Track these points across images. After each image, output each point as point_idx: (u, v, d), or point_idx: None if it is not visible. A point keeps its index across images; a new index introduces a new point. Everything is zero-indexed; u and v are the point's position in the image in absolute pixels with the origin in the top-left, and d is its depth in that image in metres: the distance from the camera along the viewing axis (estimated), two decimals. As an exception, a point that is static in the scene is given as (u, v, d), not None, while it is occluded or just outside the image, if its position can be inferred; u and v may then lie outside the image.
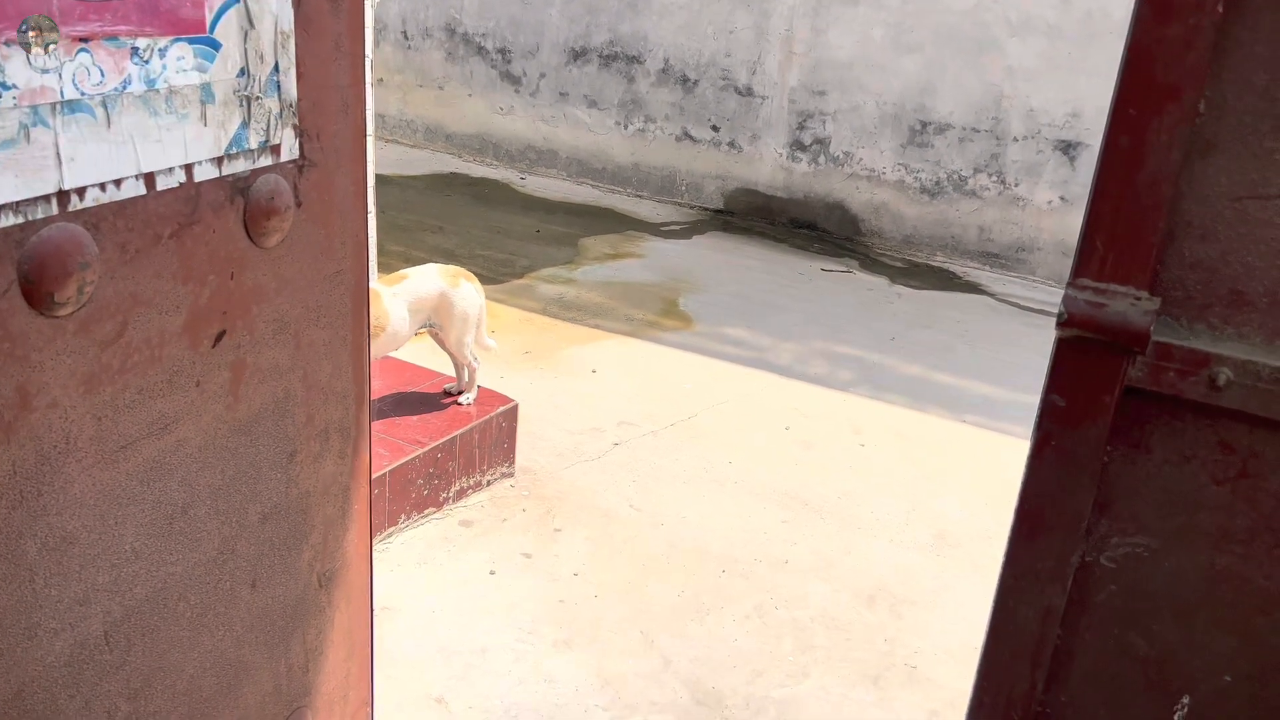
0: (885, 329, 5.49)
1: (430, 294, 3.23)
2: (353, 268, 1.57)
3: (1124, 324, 1.08)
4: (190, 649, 1.42)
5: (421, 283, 3.23)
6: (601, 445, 3.89)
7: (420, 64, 8.46)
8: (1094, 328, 1.09)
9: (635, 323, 5.20)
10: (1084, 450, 1.16)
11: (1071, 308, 1.09)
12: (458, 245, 6.17)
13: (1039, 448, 1.18)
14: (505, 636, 2.75)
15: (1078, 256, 1.10)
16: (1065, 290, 1.10)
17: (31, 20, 1.04)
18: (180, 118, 1.21)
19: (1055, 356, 1.14)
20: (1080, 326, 1.09)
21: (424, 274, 3.27)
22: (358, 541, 1.74)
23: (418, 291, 3.21)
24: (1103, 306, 1.08)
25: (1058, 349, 1.14)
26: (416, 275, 3.27)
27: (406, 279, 3.23)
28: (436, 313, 3.27)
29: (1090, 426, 1.15)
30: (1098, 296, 1.09)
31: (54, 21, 1.08)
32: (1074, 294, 1.09)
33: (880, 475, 3.88)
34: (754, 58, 7.17)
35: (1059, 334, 1.12)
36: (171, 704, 1.41)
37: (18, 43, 1.03)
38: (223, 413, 1.38)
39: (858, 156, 7.02)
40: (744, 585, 3.10)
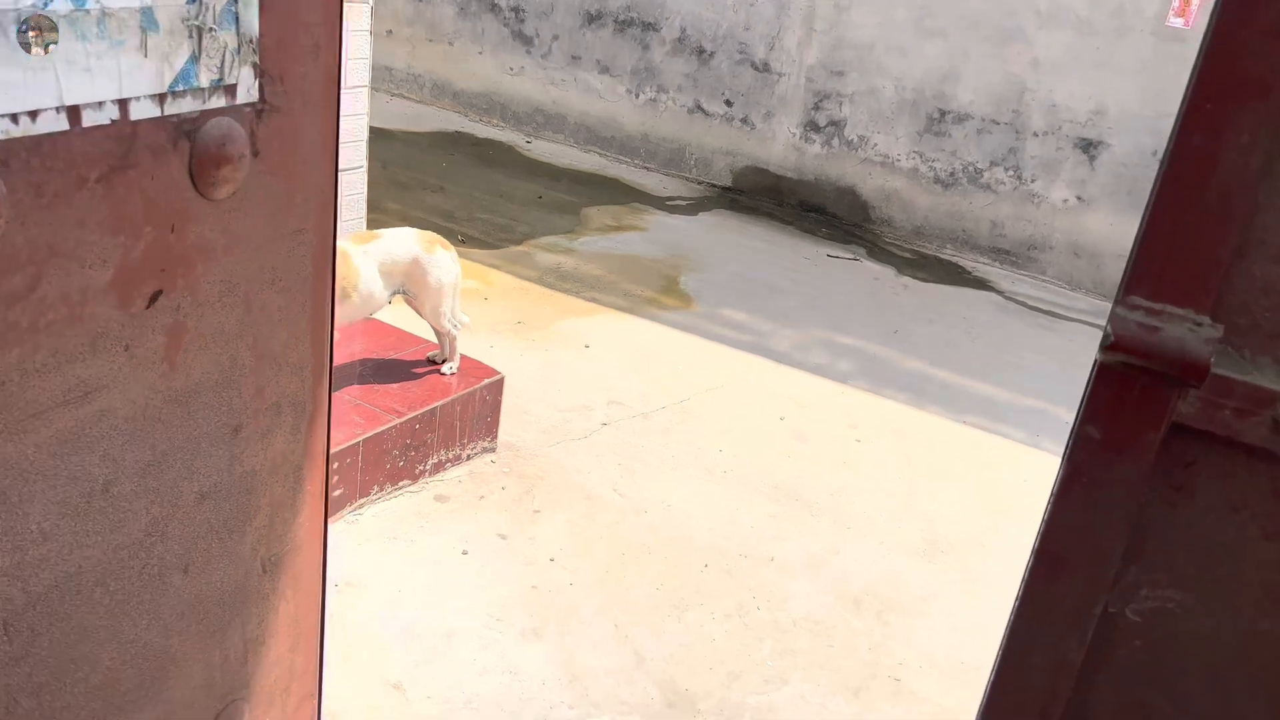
0: (889, 321, 5.35)
1: (403, 258, 3.08)
2: (316, 226, 1.42)
3: (1179, 352, 0.94)
4: (108, 639, 1.28)
5: (394, 244, 3.08)
6: (589, 424, 3.76)
7: (431, 17, 8.24)
8: (1144, 354, 0.95)
9: (633, 298, 5.05)
10: (1119, 489, 1.02)
11: (1119, 329, 0.95)
12: (457, 207, 6.01)
13: (1068, 482, 1.04)
14: (473, 621, 2.62)
15: (1130, 271, 0.96)
16: (1113, 309, 0.96)
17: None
18: (114, 44, 1.05)
19: (1095, 382, 1.00)
20: (1128, 352, 0.95)
21: (398, 236, 3.12)
22: (309, 524, 1.61)
23: (391, 252, 3.05)
24: (1156, 331, 0.94)
25: (1098, 374, 0.99)
26: (390, 236, 3.11)
27: (378, 238, 3.07)
28: (409, 279, 3.11)
29: (1128, 463, 1.01)
30: (1151, 319, 0.94)
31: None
32: (1123, 314, 0.95)
33: (874, 473, 3.75)
34: (773, 32, 6.97)
35: (1101, 358, 0.98)
36: (83, 699, 1.27)
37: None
38: (156, 381, 1.24)
39: (872, 141, 6.85)
40: (726, 581, 2.98)
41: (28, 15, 0.98)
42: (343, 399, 3.06)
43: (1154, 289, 0.94)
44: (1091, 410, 1.00)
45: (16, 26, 0.97)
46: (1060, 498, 1.05)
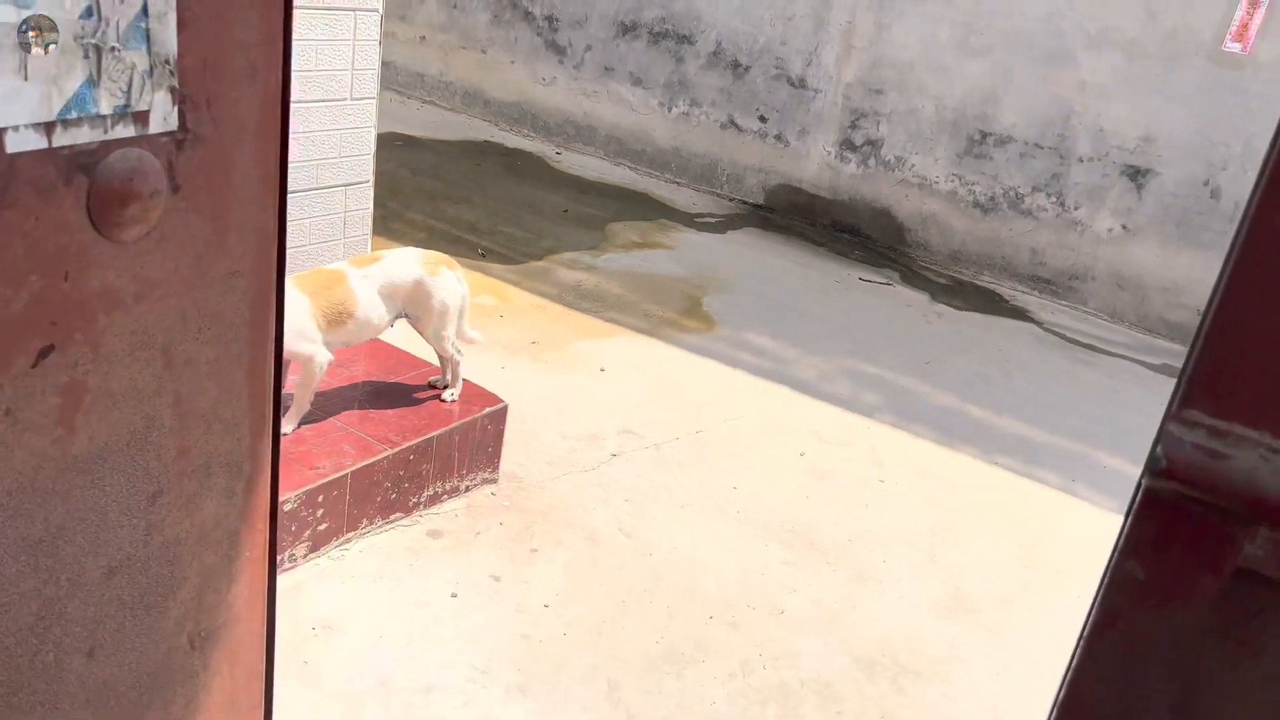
0: (920, 351, 5.13)
1: (405, 280, 2.93)
2: (255, 268, 1.26)
3: (1248, 484, 0.75)
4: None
5: (396, 267, 2.93)
6: (598, 455, 3.59)
7: (465, 25, 8.14)
8: (1204, 485, 0.76)
9: (654, 320, 4.88)
10: (1166, 643, 0.83)
11: (1174, 452, 0.76)
12: (481, 218, 5.87)
13: (1102, 628, 0.85)
14: (455, 674, 2.45)
15: (1188, 379, 0.77)
16: (1165, 424, 0.77)
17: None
18: (-19, 67, 0.90)
19: (1139, 511, 0.81)
20: (1184, 481, 0.76)
21: (400, 257, 2.97)
22: (249, 594, 1.45)
23: (390, 276, 2.90)
24: (1220, 456, 0.75)
25: (1144, 502, 0.80)
26: (391, 258, 2.96)
27: (379, 261, 2.93)
28: (412, 302, 2.96)
29: (1180, 612, 0.82)
30: (1214, 440, 0.75)
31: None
32: (1179, 432, 0.76)
33: (897, 518, 3.54)
34: (810, 48, 6.78)
35: (1149, 484, 0.79)
36: (-41, 805, 1.12)
37: None
38: (47, 448, 1.08)
39: (910, 162, 6.63)
40: (732, 636, 2.79)
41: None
42: (335, 426, 2.91)
43: (1219, 404, 0.75)
44: (1135, 545, 0.82)
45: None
46: (1091, 646, 0.86)
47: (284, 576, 2.65)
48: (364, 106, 3.19)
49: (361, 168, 3.28)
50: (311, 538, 2.70)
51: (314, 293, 2.77)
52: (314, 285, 2.78)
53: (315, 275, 2.84)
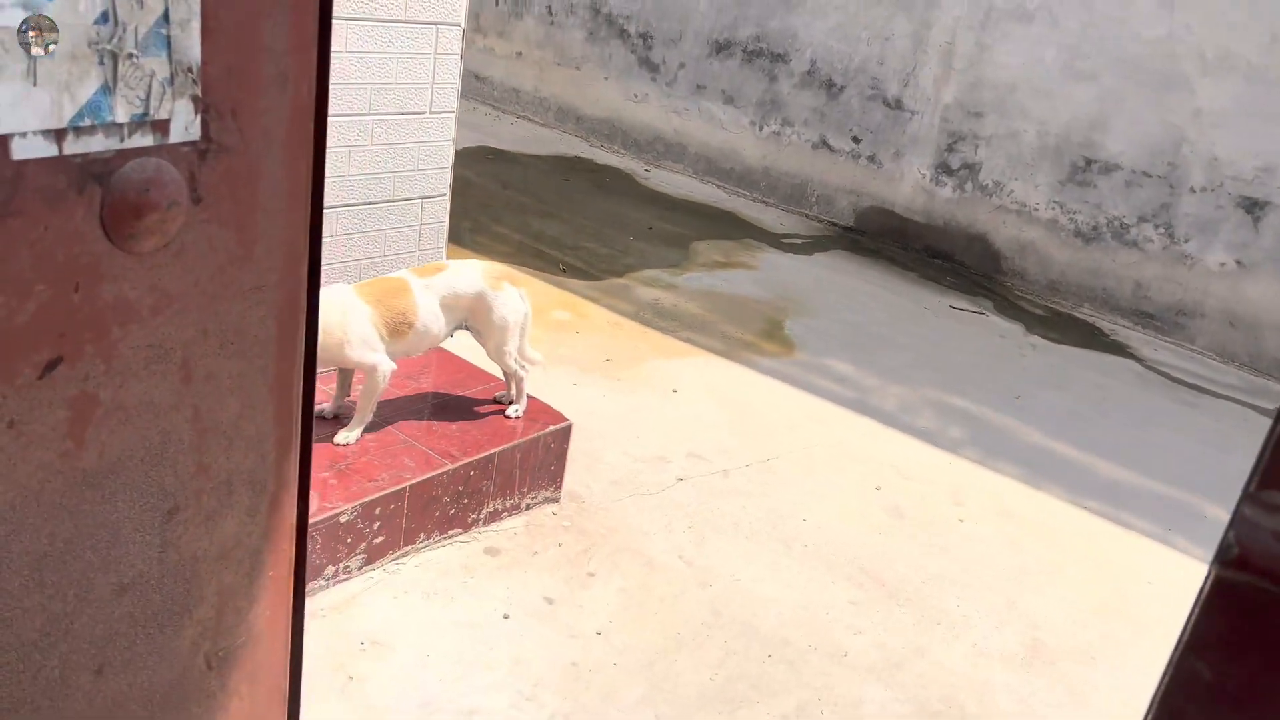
0: (1011, 384, 4.92)
1: (467, 292, 2.90)
2: (282, 282, 1.23)
3: (1339, 582, 0.64)
4: (-12, 753, 1.11)
5: (458, 278, 2.91)
6: (664, 479, 3.51)
7: (561, 41, 8.19)
8: None
9: (731, 341, 4.79)
10: (1236, 755, 0.71)
11: (1250, 539, 0.65)
12: (562, 233, 5.87)
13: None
14: (500, 699, 2.40)
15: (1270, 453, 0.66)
16: (1239, 507, 0.66)
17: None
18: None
19: (1208, 603, 0.70)
20: (1260, 573, 0.65)
21: (464, 269, 2.95)
22: (271, 614, 1.41)
23: (453, 287, 2.88)
24: (1305, 548, 0.64)
25: (1214, 592, 0.69)
26: (455, 269, 2.94)
27: (443, 271, 2.91)
28: (474, 315, 2.94)
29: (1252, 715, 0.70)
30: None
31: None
32: (1256, 517, 0.65)
33: (976, 560, 3.37)
34: (908, 69, 6.61)
35: (1219, 573, 0.68)
36: (-45, 820, 1.10)
37: None
38: (54, 462, 1.06)
39: (1009, 188, 6.40)
40: (789, 676, 2.67)
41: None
42: (397, 437, 2.90)
43: (1305, 487, 0.64)
44: (1203, 641, 0.71)
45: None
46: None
47: (337, 589, 2.64)
48: (443, 120, 3.19)
49: (439, 181, 3.28)
50: (367, 550, 2.69)
51: (376, 301, 2.76)
52: (377, 294, 2.78)
53: (378, 284, 2.84)
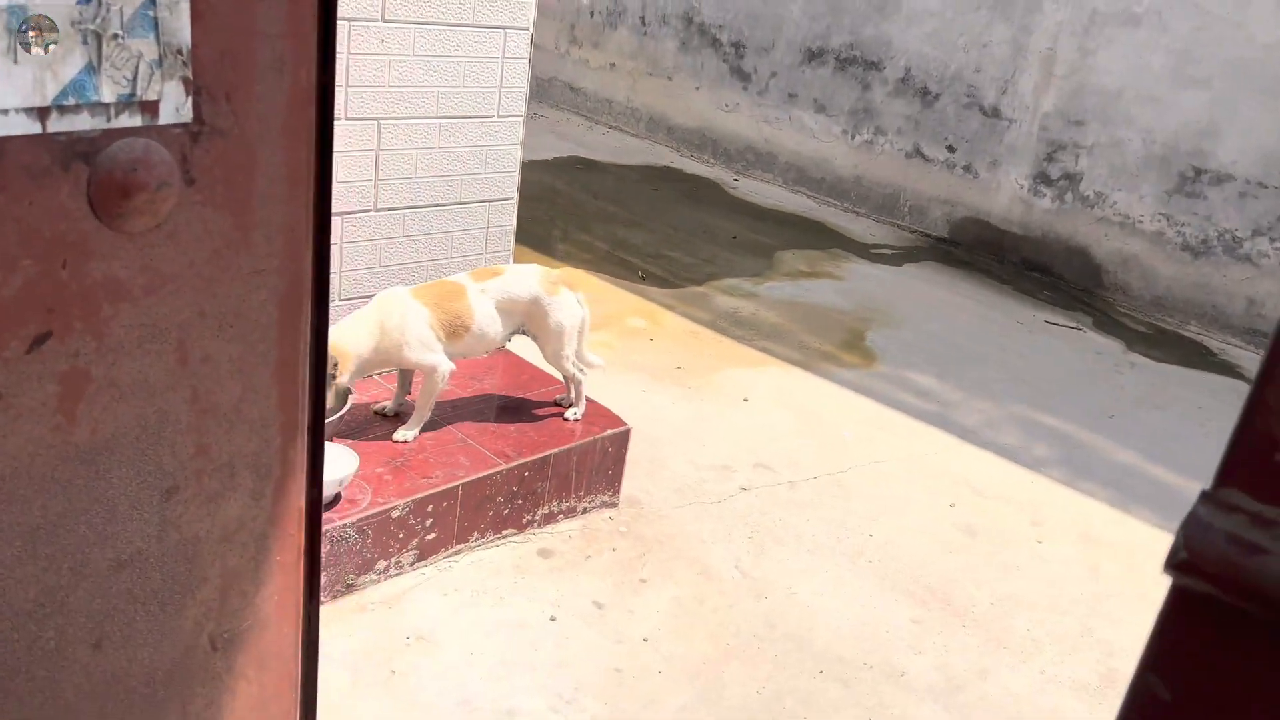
0: (1104, 403, 4.70)
1: (523, 297, 2.91)
2: (283, 268, 1.24)
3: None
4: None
5: (515, 282, 2.91)
6: (727, 488, 3.45)
7: (653, 52, 8.22)
8: (1236, 586, 0.58)
9: (809, 352, 4.70)
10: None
11: (1199, 541, 0.58)
12: (646, 242, 5.87)
13: (1118, 757, 0.67)
14: (539, 701, 2.38)
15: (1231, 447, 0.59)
16: (1194, 507, 0.59)
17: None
18: (-36, 49, 0.90)
19: (1164, 614, 0.63)
20: (1210, 579, 0.58)
21: (520, 274, 2.95)
22: (279, 598, 1.42)
23: (508, 291, 2.89)
24: (1261, 552, 0.57)
25: (1172, 603, 0.63)
26: (511, 274, 2.95)
27: (499, 276, 2.92)
28: (530, 319, 2.94)
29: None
30: (1253, 530, 0.57)
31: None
32: (1208, 516, 0.59)
33: (1051, 583, 3.22)
34: (1006, 76, 6.41)
35: (1173, 580, 0.61)
36: (-51, 782, 1.13)
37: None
38: (45, 435, 1.08)
39: (1111, 199, 6.14)
40: (842, 694, 2.59)
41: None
42: (455, 436, 2.92)
43: (1263, 482, 0.57)
44: (1159, 656, 0.64)
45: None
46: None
47: (388, 583, 2.67)
48: (511, 124, 3.21)
49: (506, 184, 3.30)
50: (419, 546, 2.71)
51: (434, 304, 2.79)
52: (435, 297, 2.81)
53: (435, 287, 2.87)
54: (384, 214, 3.03)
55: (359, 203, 2.96)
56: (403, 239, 3.11)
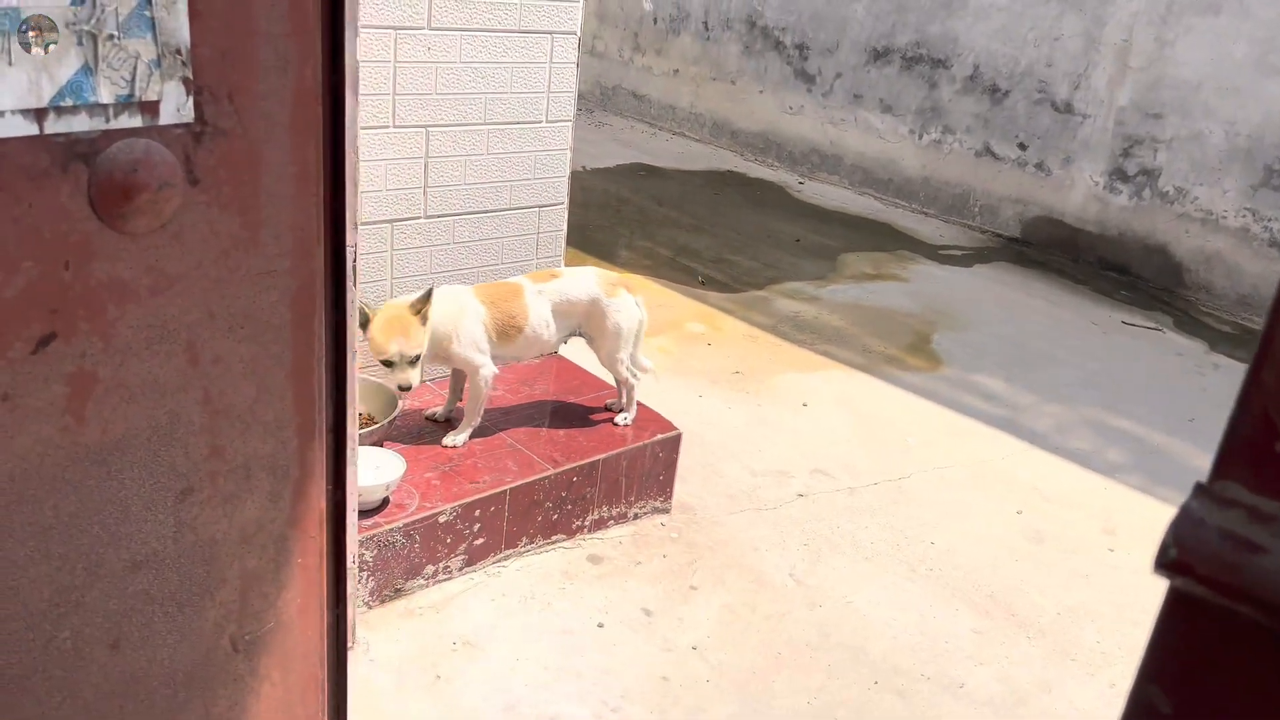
0: (1185, 406, 4.50)
1: (581, 299, 2.89)
2: (294, 269, 1.23)
3: (1306, 596, 0.51)
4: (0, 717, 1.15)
5: (573, 285, 2.90)
6: (783, 494, 3.39)
7: (717, 56, 8.18)
8: (1231, 587, 0.52)
9: (872, 355, 4.60)
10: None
11: (1190, 537, 0.53)
12: (707, 246, 5.82)
13: (1118, 776, 0.62)
14: (584, 709, 2.36)
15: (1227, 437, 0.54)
16: (1187, 500, 0.54)
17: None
18: (-43, 51, 0.91)
19: (1162, 619, 0.58)
20: (1202, 580, 0.53)
21: (579, 276, 2.94)
22: (301, 601, 1.42)
23: (567, 293, 2.88)
24: (1259, 550, 0.51)
25: (1170, 607, 0.57)
26: (570, 276, 2.94)
27: (557, 278, 2.91)
28: (588, 321, 2.92)
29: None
30: (1249, 526, 0.52)
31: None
32: (1201, 511, 0.53)
33: (1122, 593, 3.08)
34: (1079, 70, 6.22)
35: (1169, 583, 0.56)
36: (-32, 779, 1.14)
37: None
38: (55, 436, 1.09)
39: (1193, 194, 5.90)
40: (897, 706, 2.51)
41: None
42: (504, 441, 2.92)
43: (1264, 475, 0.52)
44: (1158, 664, 0.58)
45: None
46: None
47: (435, 588, 2.67)
48: (559, 129, 3.21)
49: (556, 189, 3.30)
50: (467, 551, 2.71)
51: (491, 303, 2.79)
52: (491, 296, 2.81)
53: (493, 287, 2.87)
54: (433, 220, 3.04)
55: (408, 210, 2.98)
56: (453, 245, 3.12)
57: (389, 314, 2.62)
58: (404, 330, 2.60)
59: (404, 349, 2.61)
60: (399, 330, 2.60)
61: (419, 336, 2.62)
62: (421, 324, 2.62)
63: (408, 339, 2.61)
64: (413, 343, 2.61)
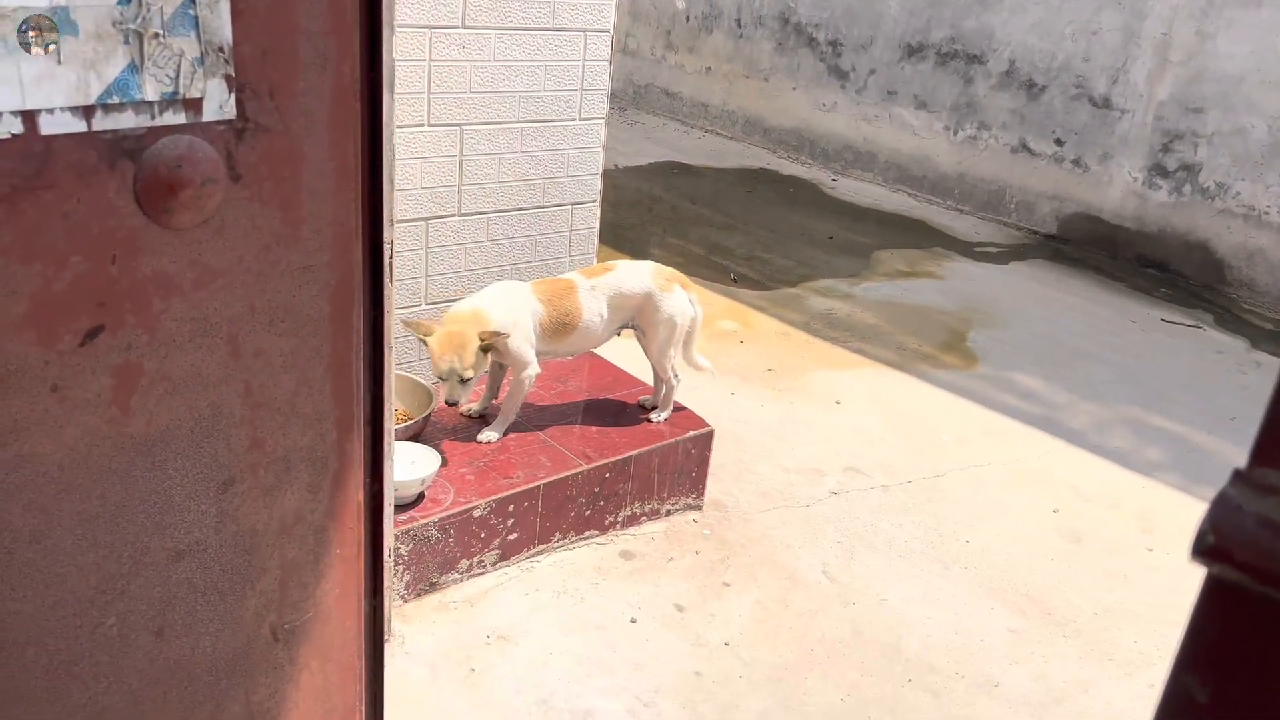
0: (1225, 404, 4.44)
1: (635, 292, 2.90)
2: (333, 264, 1.25)
3: (1348, 584, 0.50)
4: (49, 702, 1.18)
5: (627, 278, 2.91)
6: (816, 492, 3.38)
7: (749, 54, 8.16)
8: (1269, 574, 0.52)
9: (907, 353, 4.57)
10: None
11: (1228, 524, 0.53)
12: (739, 244, 5.81)
13: (1155, 765, 0.61)
14: (617, 703, 2.37)
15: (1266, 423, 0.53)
16: (1224, 487, 0.54)
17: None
18: (9, 49, 0.93)
19: (1200, 608, 0.57)
20: (1241, 567, 0.53)
21: (633, 269, 2.94)
22: (340, 591, 1.44)
23: (620, 287, 2.89)
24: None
25: (1207, 595, 0.57)
26: (624, 269, 2.94)
27: (611, 271, 2.92)
28: (641, 314, 2.93)
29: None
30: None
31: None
32: (1239, 497, 0.53)
33: (1160, 593, 3.04)
34: (1118, 64, 6.14)
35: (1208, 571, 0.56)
36: (18, 761, 1.17)
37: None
38: (102, 427, 1.11)
39: (1234, 189, 5.81)
40: (930, 705, 2.50)
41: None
42: (538, 438, 2.93)
43: (1304, 462, 0.51)
44: (1194, 654, 0.58)
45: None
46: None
47: (470, 582, 2.69)
48: (592, 127, 3.22)
49: (589, 187, 3.31)
50: (501, 546, 2.73)
51: (547, 301, 2.81)
52: (548, 294, 2.83)
53: (548, 284, 2.88)
54: (468, 219, 3.07)
55: (443, 208, 3.00)
56: (487, 243, 3.15)
57: (453, 328, 2.64)
58: (461, 350, 2.62)
59: (457, 368, 2.63)
60: (457, 349, 2.62)
61: (474, 360, 2.64)
62: (482, 351, 2.66)
63: (463, 361, 2.62)
64: (466, 365, 2.63)
